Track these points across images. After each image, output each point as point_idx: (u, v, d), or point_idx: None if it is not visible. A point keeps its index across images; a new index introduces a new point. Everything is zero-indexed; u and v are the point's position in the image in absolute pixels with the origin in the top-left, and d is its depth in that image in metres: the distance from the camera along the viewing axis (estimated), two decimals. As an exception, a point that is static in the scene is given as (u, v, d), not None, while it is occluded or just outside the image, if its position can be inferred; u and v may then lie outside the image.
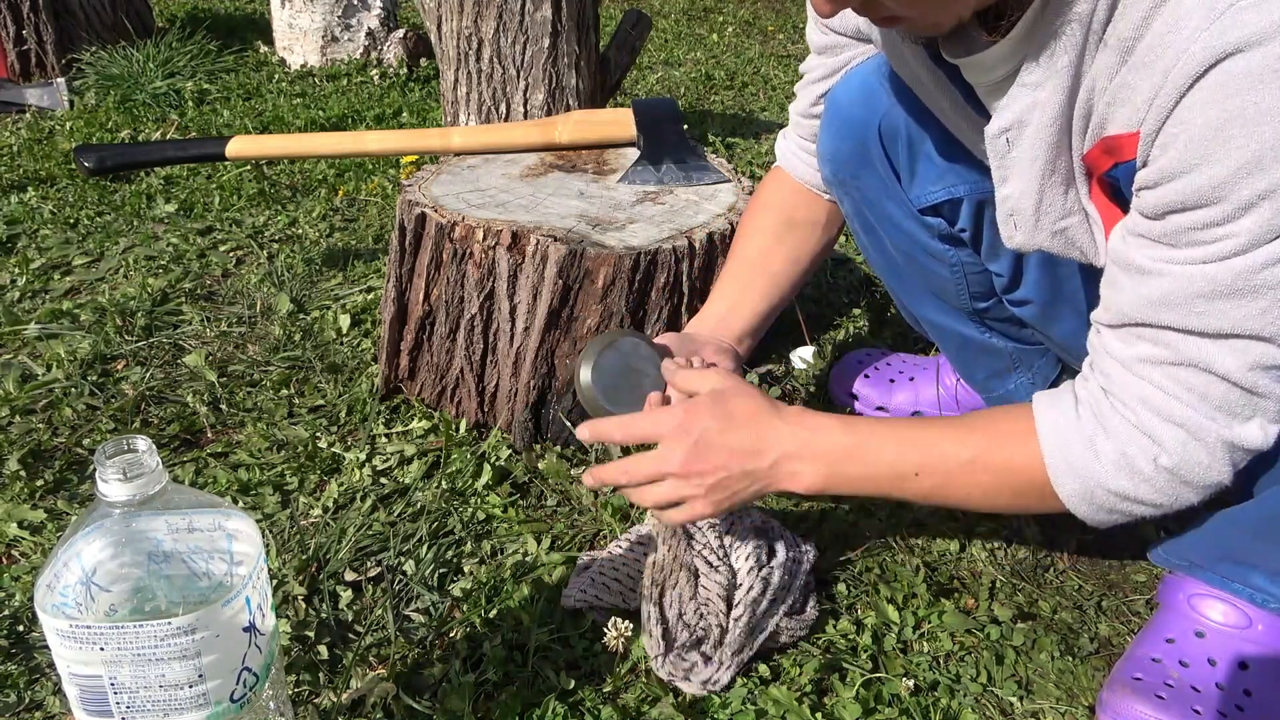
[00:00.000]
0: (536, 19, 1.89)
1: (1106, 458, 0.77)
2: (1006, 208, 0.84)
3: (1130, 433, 0.76)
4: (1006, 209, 0.84)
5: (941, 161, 1.01)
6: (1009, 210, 0.84)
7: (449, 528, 1.17)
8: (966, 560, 1.15)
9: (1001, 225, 0.86)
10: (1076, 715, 0.96)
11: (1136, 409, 0.75)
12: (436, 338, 1.35)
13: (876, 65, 1.02)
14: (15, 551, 1.14)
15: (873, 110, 1.03)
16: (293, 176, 2.36)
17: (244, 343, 1.60)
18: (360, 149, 1.67)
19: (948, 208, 1.05)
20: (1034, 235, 0.84)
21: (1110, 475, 0.77)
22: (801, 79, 1.16)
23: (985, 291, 1.13)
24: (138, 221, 2.08)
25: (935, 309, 1.21)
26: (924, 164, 1.02)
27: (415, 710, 0.92)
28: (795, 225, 1.18)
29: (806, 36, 1.13)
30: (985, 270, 1.10)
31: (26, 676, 0.97)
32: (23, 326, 1.62)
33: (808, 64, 1.14)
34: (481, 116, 1.99)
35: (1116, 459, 0.76)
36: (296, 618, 1.03)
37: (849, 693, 0.95)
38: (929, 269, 1.13)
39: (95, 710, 0.66)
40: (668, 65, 3.67)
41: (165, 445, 1.34)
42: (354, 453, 1.30)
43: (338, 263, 1.89)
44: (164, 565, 0.66)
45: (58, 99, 2.86)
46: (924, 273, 1.15)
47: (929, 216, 1.07)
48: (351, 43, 3.36)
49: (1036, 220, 0.82)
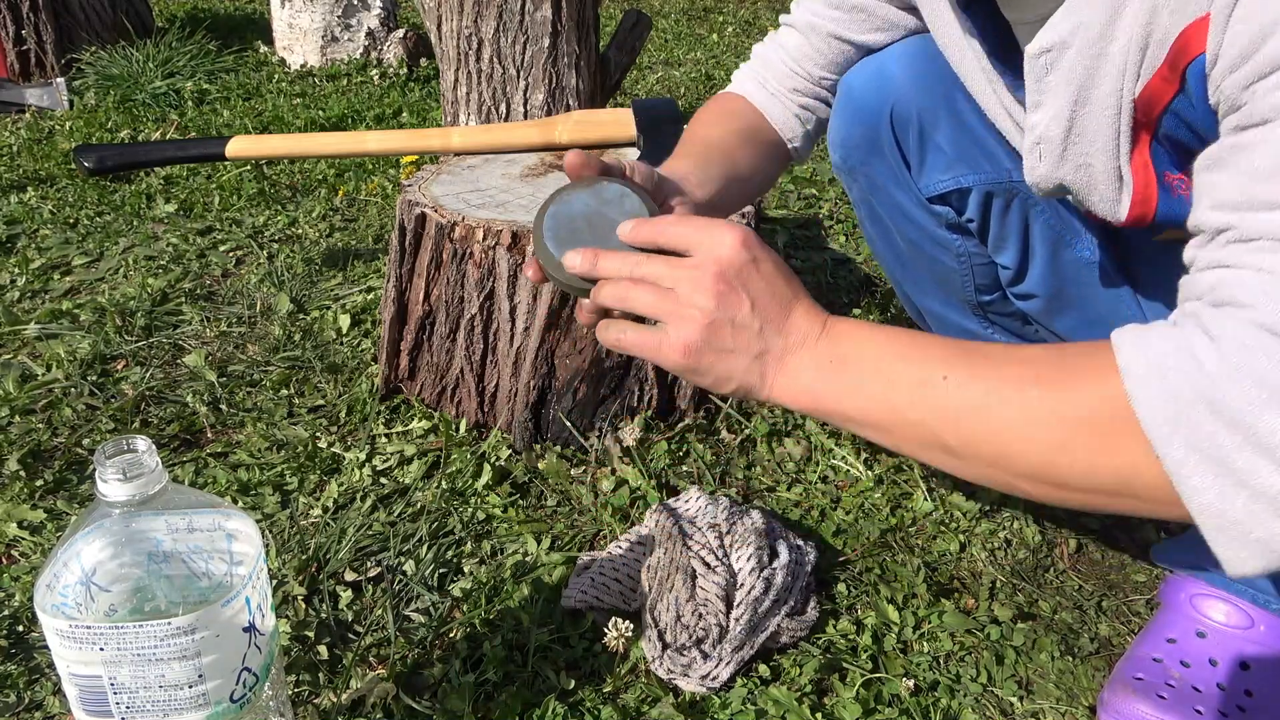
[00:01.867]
0: (536, 19, 1.89)
1: (1211, 362, 0.52)
2: (1034, 135, 0.80)
3: (1247, 331, 0.52)
4: (1034, 136, 0.80)
5: (951, 151, 1.01)
6: (1037, 137, 0.80)
7: (449, 528, 1.17)
8: (966, 560, 1.15)
9: (1026, 155, 0.83)
10: (1076, 715, 0.96)
11: (1258, 299, 0.53)
12: (436, 338, 1.35)
13: (893, 52, 1.02)
14: (15, 551, 1.14)
15: (885, 97, 1.02)
16: (293, 176, 2.36)
17: (244, 343, 1.60)
18: (360, 149, 1.67)
19: (955, 197, 1.04)
20: (1058, 166, 0.79)
21: (1220, 382, 0.52)
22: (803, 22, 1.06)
23: (990, 284, 1.13)
24: (137, 221, 2.08)
25: (939, 301, 1.20)
26: (933, 153, 1.02)
27: (415, 710, 0.92)
28: (760, 140, 1.05)
29: None
30: (991, 262, 1.10)
31: (26, 676, 0.96)
32: (23, 326, 1.62)
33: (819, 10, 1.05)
34: (481, 116, 1.99)
35: (1227, 364, 0.52)
36: (296, 618, 1.03)
37: (849, 693, 0.95)
38: (935, 259, 1.13)
39: (95, 710, 0.66)
40: (668, 65, 3.67)
41: (165, 445, 1.34)
42: (354, 453, 1.30)
43: (338, 263, 1.89)
44: (164, 565, 0.66)
45: (57, 99, 2.86)
46: (930, 263, 1.14)
47: (937, 205, 1.07)
48: (351, 43, 3.36)
49: (1064, 150, 0.78)
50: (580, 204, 0.71)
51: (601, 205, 0.71)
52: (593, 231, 0.70)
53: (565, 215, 0.70)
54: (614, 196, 0.71)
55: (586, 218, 0.70)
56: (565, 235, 0.70)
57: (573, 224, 0.70)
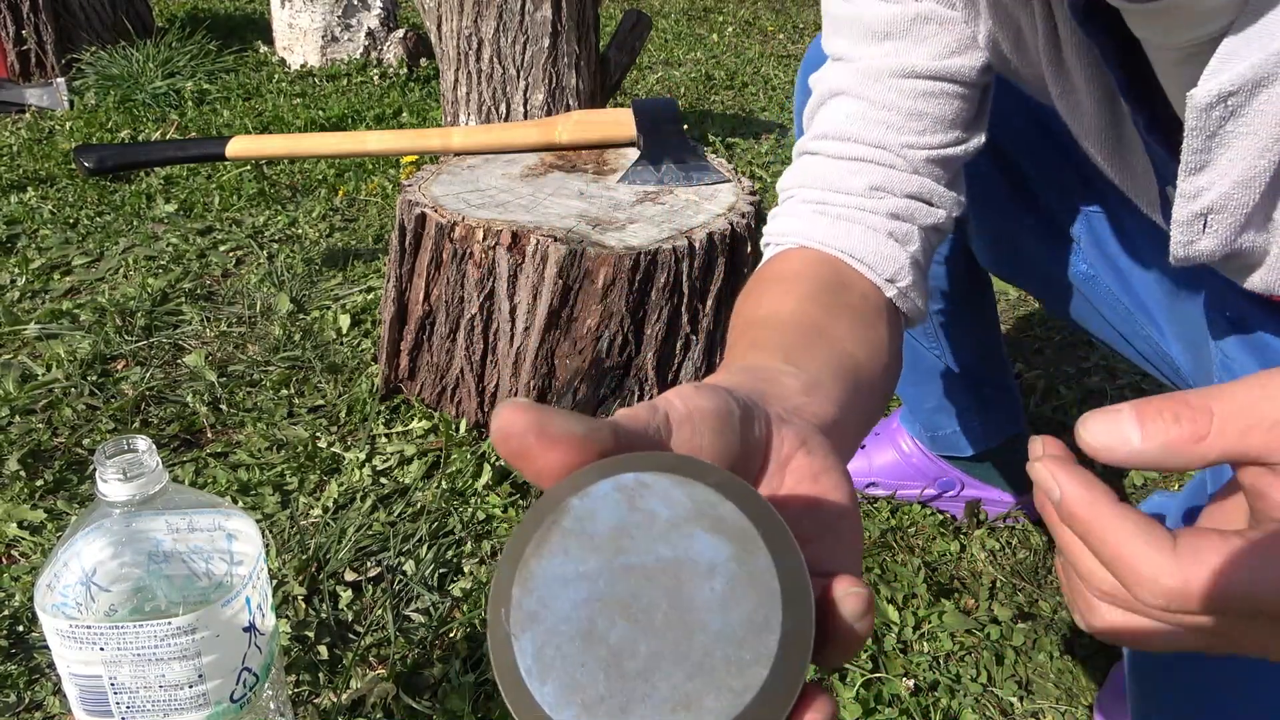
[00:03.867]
0: (536, 19, 1.89)
1: None
2: (1199, 204, 0.55)
3: None
4: (1198, 206, 0.55)
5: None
6: (1202, 207, 0.55)
7: (449, 528, 1.17)
8: (966, 560, 1.15)
9: (1178, 229, 0.57)
10: (1076, 715, 0.96)
11: None
12: (436, 338, 1.35)
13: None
14: (15, 551, 1.14)
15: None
16: (293, 176, 2.36)
17: (244, 343, 1.60)
18: (360, 149, 1.67)
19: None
20: (1237, 236, 0.55)
21: None
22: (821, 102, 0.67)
23: None
24: (138, 221, 2.08)
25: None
26: None
27: (415, 710, 0.92)
28: (850, 299, 0.60)
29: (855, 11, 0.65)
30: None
31: (26, 676, 0.96)
32: (23, 326, 1.62)
33: (859, 52, 0.65)
34: (481, 116, 1.99)
35: None
36: (296, 618, 1.03)
37: (849, 693, 0.95)
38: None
39: (95, 710, 0.66)
40: (668, 65, 3.67)
41: (165, 445, 1.34)
42: (354, 453, 1.30)
43: (338, 263, 1.89)
44: (164, 565, 0.66)
45: (58, 99, 2.86)
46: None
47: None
48: (351, 43, 3.36)
49: (1260, 216, 0.53)
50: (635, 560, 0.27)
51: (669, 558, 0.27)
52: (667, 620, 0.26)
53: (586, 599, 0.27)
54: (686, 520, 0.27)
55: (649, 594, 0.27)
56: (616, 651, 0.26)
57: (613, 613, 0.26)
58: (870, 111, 0.63)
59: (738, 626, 0.26)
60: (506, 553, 0.28)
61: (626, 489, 0.27)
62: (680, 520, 0.27)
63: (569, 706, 0.26)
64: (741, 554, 0.27)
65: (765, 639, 0.26)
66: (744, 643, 0.26)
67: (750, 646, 0.26)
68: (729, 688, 0.25)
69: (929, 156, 0.63)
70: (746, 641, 0.26)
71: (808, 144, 0.66)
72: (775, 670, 0.26)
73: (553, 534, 0.27)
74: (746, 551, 0.27)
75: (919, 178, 0.63)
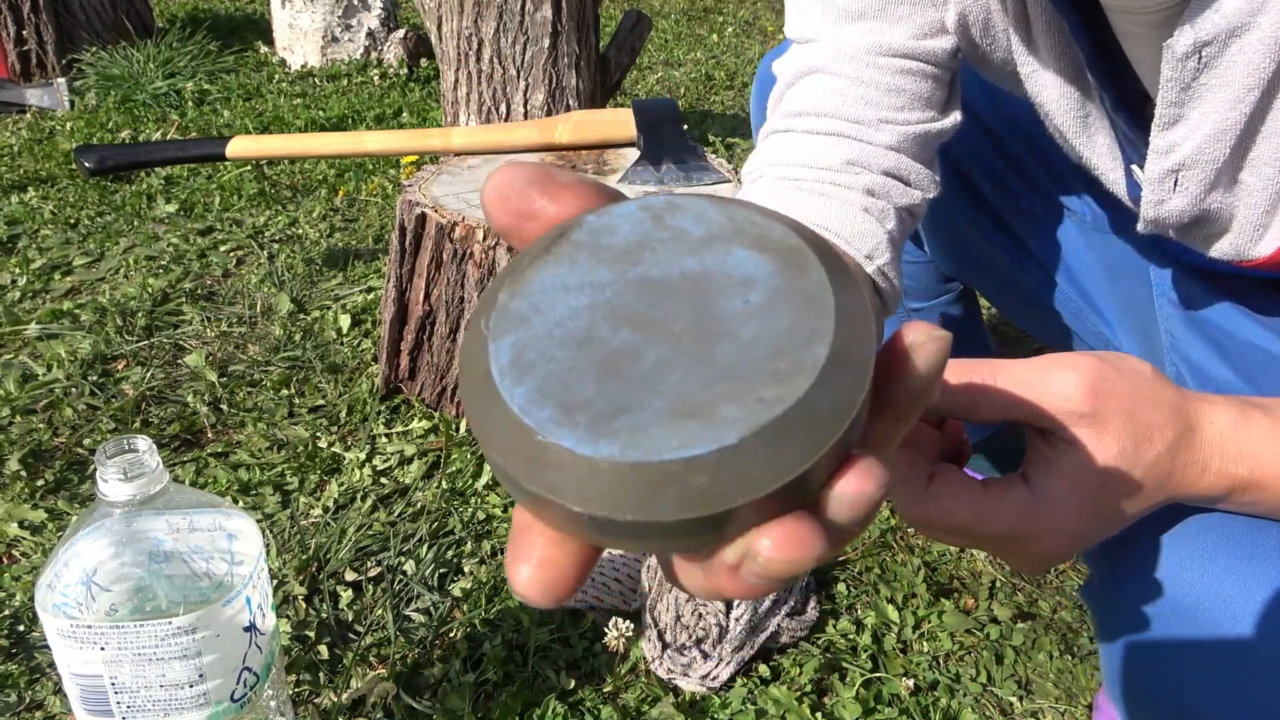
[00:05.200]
0: (536, 19, 1.89)
1: None
2: (1171, 160, 0.54)
3: None
4: (1169, 162, 0.55)
5: None
6: (1174, 163, 0.54)
7: (449, 528, 1.18)
8: (966, 560, 1.15)
9: (1149, 187, 0.57)
10: (1076, 715, 0.96)
11: None
12: (437, 338, 1.35)
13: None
14: (16, 551, 1.14)
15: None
16: (293, 176, 2.36)
17: (244, 343, 1.60)
18: (360, 149, 1.67)
19: None
20: (1205, 196, 0.55)
21: None
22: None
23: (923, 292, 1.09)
24: (138, 221, 2.08)
25: None
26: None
27: (415, 710, 0.92)
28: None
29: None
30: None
31: (27, 676, 0.97)
32: (23, 326, 1.62)
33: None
34: (481, 116, 1.99)
35: None
36: (296, 618, 1.03)
37: (849, 693, 0.95)
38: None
39: (96, 710, 0.67)
40: (668, 65, 3.67)
41: (165, 445, 1.34)
42: (354, 453, 1.30)
43: (338, 263, 1.89)
44: (165, 565, 0.66)
45: (58, 99, 2.86)
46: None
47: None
48: (352, 43, 3.36)
49: (1227, 173, 0.53)
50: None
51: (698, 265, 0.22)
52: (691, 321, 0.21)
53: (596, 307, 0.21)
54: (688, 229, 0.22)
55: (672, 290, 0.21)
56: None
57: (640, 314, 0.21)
58: (848, 87, 0.62)
59: (778, 335, 0.20)
60: (502, 271, 0.23)
61: (653, 208, 0.23)
62: (714, 237, 0.22)
63: (544, 408, 0.20)
64: (788, 269, 0.21)
65: (813, 349, 0.20)
66: (783, 352, 0.20)
67: (791, 357, 0.20)
68: (757, 397, 0.19)
69: (906, 133, 0.62)
70: (786, 351, 0.20)
71: (778, 122, 0.64)
72: (821, 385, 0.20)
73: (559, 245, 0.22)
74: (795, 268, 0.21)
75: (896, 154, 0.61)
